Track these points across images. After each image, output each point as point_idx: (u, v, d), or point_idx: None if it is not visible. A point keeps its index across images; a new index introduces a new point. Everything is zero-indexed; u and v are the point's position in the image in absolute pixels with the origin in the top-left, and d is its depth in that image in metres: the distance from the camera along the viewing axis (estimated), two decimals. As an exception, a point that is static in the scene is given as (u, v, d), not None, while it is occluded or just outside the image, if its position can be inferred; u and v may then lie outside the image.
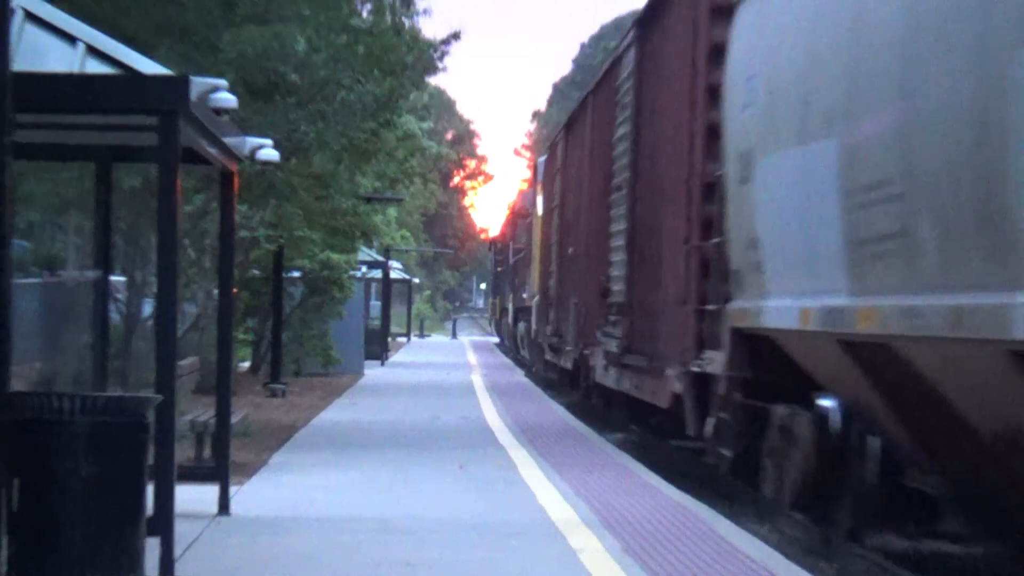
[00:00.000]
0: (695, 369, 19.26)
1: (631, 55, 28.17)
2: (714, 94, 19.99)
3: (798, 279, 15.25)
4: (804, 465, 15.10)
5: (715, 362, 17.35)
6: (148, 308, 20.17)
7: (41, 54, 11.36)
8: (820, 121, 14.94)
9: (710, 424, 19.12)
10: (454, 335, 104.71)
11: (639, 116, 26.98)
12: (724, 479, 19.28)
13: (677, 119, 22.25)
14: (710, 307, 18.86)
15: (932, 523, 14.00)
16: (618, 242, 28.21)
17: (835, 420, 14.74)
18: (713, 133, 19.90)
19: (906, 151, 12.17)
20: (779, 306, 15.80)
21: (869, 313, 12.81)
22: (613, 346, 27.97)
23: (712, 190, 19.74)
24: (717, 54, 19.74)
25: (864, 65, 13.63)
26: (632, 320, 26.80)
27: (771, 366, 16.34)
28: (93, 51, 11.68)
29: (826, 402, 14.90)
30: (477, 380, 46.60)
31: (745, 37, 18.32)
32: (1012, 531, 12.40)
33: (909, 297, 11.96)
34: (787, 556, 14.36)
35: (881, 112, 12.89)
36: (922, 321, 11.58)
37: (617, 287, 27.97)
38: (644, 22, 27.48)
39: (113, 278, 18.75)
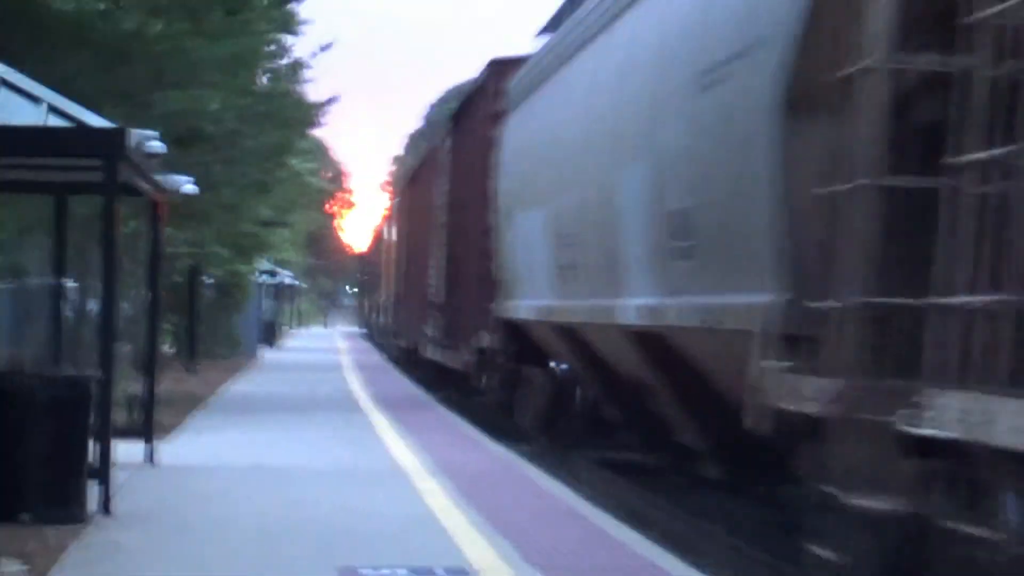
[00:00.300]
0: (478, 343, 24.32)
1: (448, 140, 32.97)
2: (492, 170, 23.67)
3: (532, 289, 20.19)
4: (541, 404, 20.73)
5: (489, 341, 22.84)
6: (94, 306, 19.91)
7: (12, 111, 11.34)
8: (539, 196, 19.71)
9: (486, 380, 24.66)
10: (325, 326, 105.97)
11: (453, 179, 31.24)
12: (525, 434, 21.81)
13: (472, 183, 26.26)
14: (490, 305, 23.01)
15: (612, 438, 19.09)
16: (439, 264, 32.55)
17: (558, 376, 20.26)
18: (491, 195, 23.75)
19: (578, 218, 16.96)
20: (523, 305, 20.75)
21: (564, 310, 17.92)
22: (433, 332, 32.91)
23: (489, 232, 23.60)
24: (493, 144, 23.51)
25: (558, 165, 18.43)
26: (444, 316, 31.22)
27: (521, 343, 21.19)
28: (53, 109, 11.87)
29: (552, 365, 20.49)
30: (345, 360, 46.48)
31: (506, 136, 22.99)
32: (661, 443, 16.33)
33: (581, 301, 16.80)
34: (566, 485, 15.58)
35: (567, 194, 17.84)
36: (587, 315, 16.47)
37: (436, 294, 32.63)
38: (456, 117, 32.88)
39: (67, 283, 18.52)
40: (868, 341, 7.81)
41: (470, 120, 28.84)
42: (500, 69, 24.60)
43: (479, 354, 24.37)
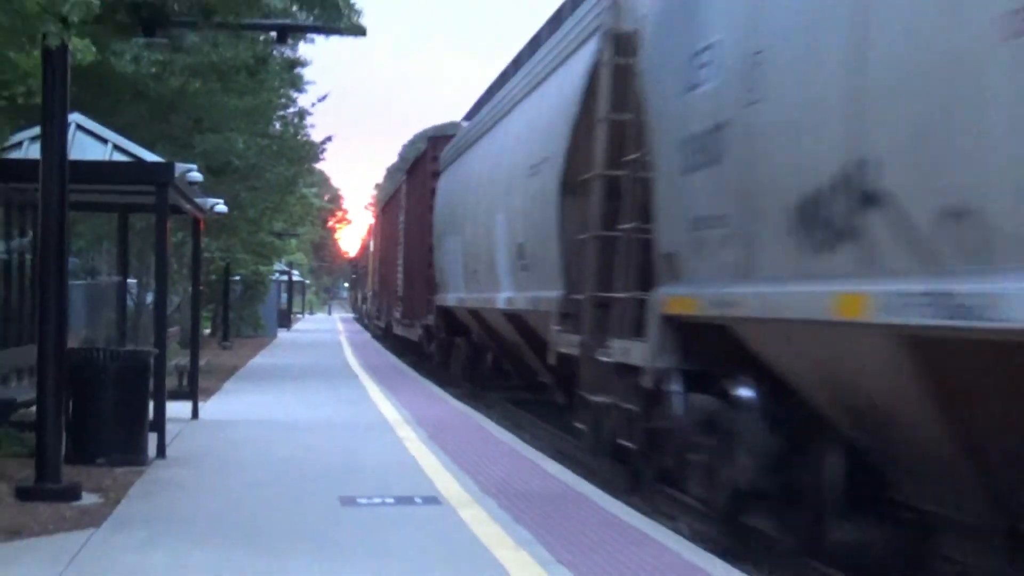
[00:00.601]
0: (425, 323, 27.06)
1: (404, 185, 35.80)
2: (431, 209, 26.58)
3: (453, 286, 22.36)
4: (466, 357, 23.41)
5: (431, 320, 25.64)
6: (149, 298, 19.92)
7: (86, 149, 11.50)
8: (456, 228, 22.01)
9: (432, 346, 27.06)
10: (330, 312, 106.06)
11: (407, 213, 33.43)
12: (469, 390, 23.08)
13: (419, 216, 28.70)
14: (432, 297, 25.22)
15: (511, 381, 21.01)
16: (400, 269, 34.67)
17: (474, 342, 22.43)
18: (430, 225, 26.52)
19: (475, 243, 19.43)
20: (449, 297, 22.85)
21: (470, 299, 20.08)
22: (398, 315, 34.94)
23: (430, 249, 26.12)
24: (433, 192, 26.58)
25: (466, 208, 20.79)
26: (404, 304, 33.42)
27: (452, 322, 23.50)
28: (117, 147, 12.13)
29: (471, 336, 22.33)
30: (343, 339, 46.48)
31: (439, 187, 25.89)
32: (534, 383, 18.43)
33: (479, 294, 19.05)
34: (516, 435, 15.24)
35: (470, 228, 20.14)
36: (483, 303, 18.60)
37: (399, 289, 34.77)
38: (409, 171, 36.16)
39: (129, 281, 18.59)
40: (593, 316, 11.54)
41: (417, 173, 32.27)
42: (435, 142, 28.57)
43: (425, 329, 28.01)
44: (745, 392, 8.44)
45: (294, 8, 11.93)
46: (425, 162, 30.07)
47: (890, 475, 7.71)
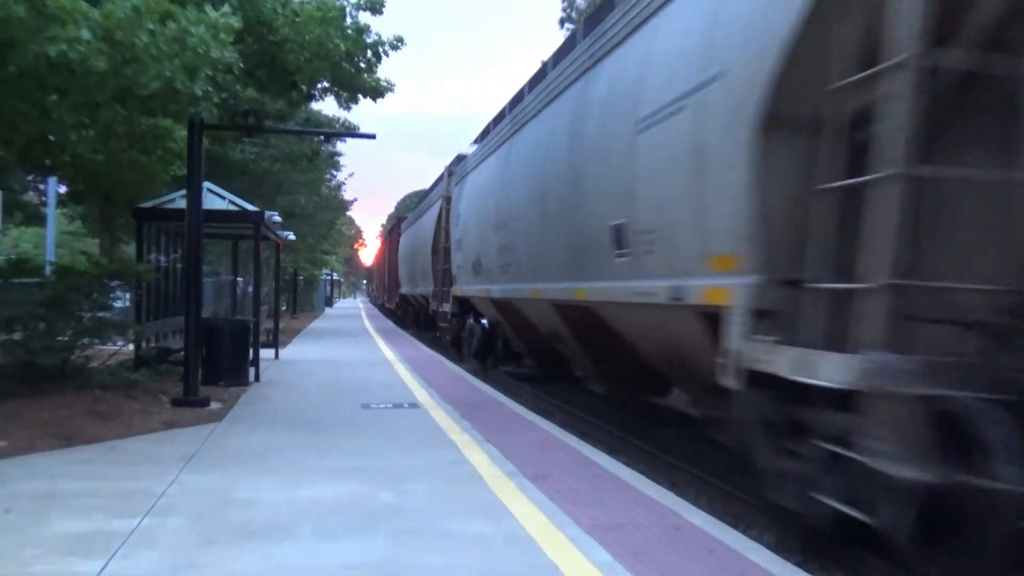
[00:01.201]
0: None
1: (395, 228, 32.58)
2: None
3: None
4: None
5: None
6: (250, 289, 19.89)
7: (213, 202, 11.62)
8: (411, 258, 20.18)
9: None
10: (355, 298, 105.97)
11: (388, 249, 34.55)
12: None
13: (391, 253, 30.07)
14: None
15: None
16: (387, 274, 34.15)
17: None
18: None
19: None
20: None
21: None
22: (386, 297, 34.65)
23: (398, 264, 25.41)
24: (398, 243, 26.74)
25: (417, 251, 20.43)
26: (389, 291, 32.79)
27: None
28: (231, 202, 11.96)
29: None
30: (362, 312, 46.32)
31: (404, 237, 24.97)
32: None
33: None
34: (461, 367, 14.52)
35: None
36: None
37: (386, 284, 34.78)
38: (389, 232, 36.40)
39: (238, 279, 18.52)
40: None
41: (392, 232, 32.42)
42: (399, 220, 28.75)
43: (396, 304, 26.51)
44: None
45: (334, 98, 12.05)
46: (395, 227, 31.71)
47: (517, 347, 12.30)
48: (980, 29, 3.90)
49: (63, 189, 17.78)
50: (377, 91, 10.32)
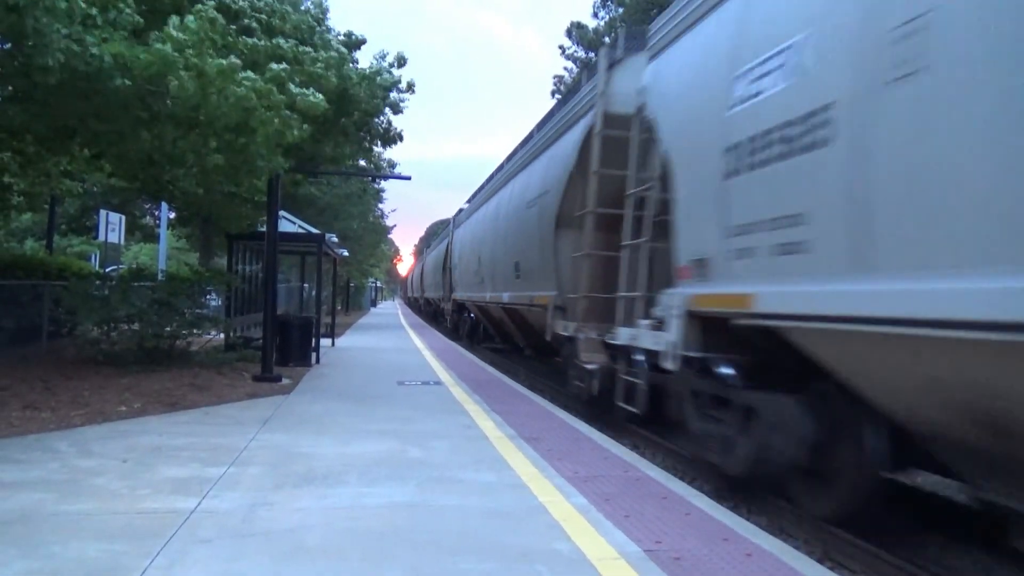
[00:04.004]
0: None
1: (416, 256, 35.80)
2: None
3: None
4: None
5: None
6: (314, 293, 19.86)
7: (286, 226, 11.47)
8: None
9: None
10: (394, 300, 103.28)
11: (415, 265, 32.16)
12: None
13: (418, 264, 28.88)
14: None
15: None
16: (426, 281, 30.23)
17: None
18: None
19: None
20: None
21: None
22: (423, 303, 31.44)
23: (446, 273, 21.20)
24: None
25: (434, 269, 20.53)
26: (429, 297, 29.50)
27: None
28: (300, 227, 11.95)
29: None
30: (399, 311, 45.85)
31: (455, 236, 19.07)
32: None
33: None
34: (475, 355, 13.89)
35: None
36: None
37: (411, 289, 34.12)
38: (417, 252, 36.69)
39: (305, 285, 18.43)
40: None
41: (420, 253, 33.53)
42: (427, 237, 31.08)
43: (448, 310, 24.07)
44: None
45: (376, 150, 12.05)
46: (421, 250, 32.15)
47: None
48: (611, 197, 7.10)
49: (173, 215, 17.84)
50: (388, 139, 10.42)
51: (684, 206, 5.22)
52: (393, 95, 9.59)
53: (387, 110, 9.72)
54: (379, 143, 10.54)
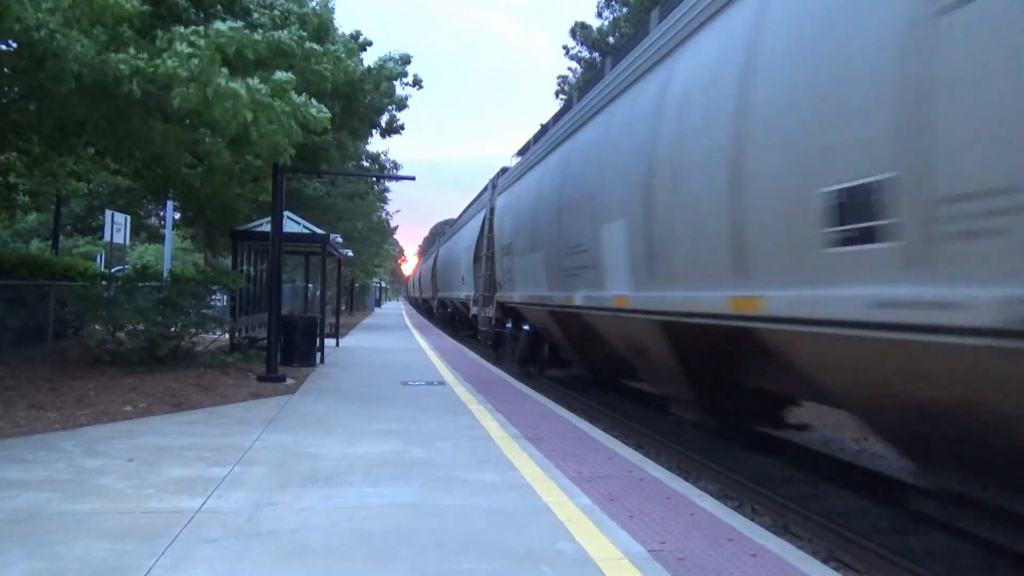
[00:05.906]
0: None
1: (429, 247, 35.62)
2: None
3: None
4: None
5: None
6: (318, 293, 19.87)
7: (290, 227, 11.50)
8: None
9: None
10: (398, 300, 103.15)
11: (434, 258, 28.30)
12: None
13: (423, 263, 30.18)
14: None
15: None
16: (432, 280, 28.88)
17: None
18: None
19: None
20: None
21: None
22: (435, 304, 27.31)
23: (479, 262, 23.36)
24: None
25: (452, 262, 19.22)
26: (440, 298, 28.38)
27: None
28: (304, 227, 11.91)
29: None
30: (402, 311, 45.57)
31: (441, 251, 22.79)
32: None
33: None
34: (478, 354, 13.60)
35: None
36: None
37: (411, 288, 34.55)
38: (428, 240, 37.09)
39: (308, 286, 18.41)
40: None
41: (429, 243, 34.05)
42: (429, 240, 30.00)
43: (423, 302, 25.67)
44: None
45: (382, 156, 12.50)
46: (424, 249, 32.53)
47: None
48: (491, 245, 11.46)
49: (178, 216, 17.91)
50: (390, 130, 10.58)
51: (496, 257, 11.60)
52: (399, 91, 9.59)
53: (391, 107, 9.74)
54: (379, 132, 10.57)
